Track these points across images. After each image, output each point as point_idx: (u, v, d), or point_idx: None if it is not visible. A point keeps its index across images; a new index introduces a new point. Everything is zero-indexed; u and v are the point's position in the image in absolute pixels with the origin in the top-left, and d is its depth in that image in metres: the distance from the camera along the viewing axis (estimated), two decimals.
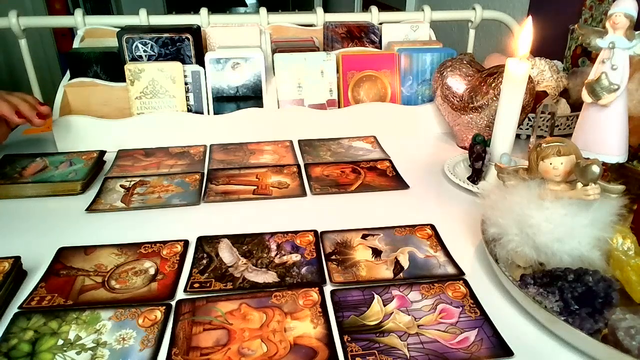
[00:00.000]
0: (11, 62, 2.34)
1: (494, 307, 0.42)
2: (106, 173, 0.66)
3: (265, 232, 0.53)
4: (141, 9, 0.92)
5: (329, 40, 0.87)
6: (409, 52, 0.80)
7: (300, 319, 0.40)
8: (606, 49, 0.52)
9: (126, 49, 0.75)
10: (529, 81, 0.67)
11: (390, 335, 0.39)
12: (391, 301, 0.42)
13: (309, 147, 0.75)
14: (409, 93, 0.82)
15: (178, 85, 0.75)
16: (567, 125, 0.76)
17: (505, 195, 0.44)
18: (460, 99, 0.71)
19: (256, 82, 0.77)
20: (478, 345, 0.38)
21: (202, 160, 0.70)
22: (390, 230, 0.53)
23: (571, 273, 0.39)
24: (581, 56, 0.96)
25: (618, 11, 0.50)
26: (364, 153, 0.74)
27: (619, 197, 0.41)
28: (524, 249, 0.42)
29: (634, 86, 0.60)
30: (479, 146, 0.61)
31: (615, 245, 0.41)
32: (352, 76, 0.80)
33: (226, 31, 0.82)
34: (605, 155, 0.54)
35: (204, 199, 0.60)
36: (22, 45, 0.95)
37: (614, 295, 0.38)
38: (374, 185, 0.64)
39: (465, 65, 0.73)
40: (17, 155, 0.68)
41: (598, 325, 0.37)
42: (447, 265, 0.48)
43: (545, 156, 0.42)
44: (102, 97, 0.76)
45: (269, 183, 0.64)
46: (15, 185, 0.60)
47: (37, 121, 0.65)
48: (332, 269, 0.47)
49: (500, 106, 0.60)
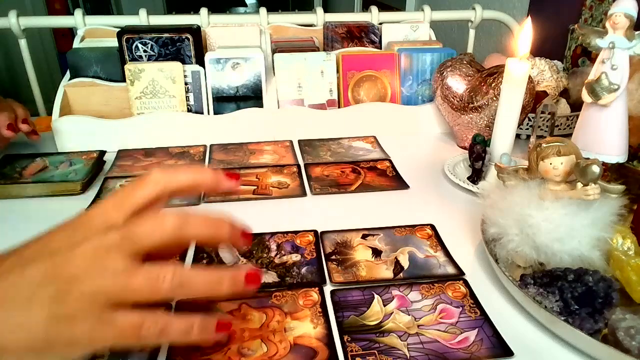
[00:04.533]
0: (11, 62, 2.34)
1: (494, 307, 0.42)
2: (106, 173, 0.66)
3: (265, 232, 0.53)
4: (141, 9, 0.92)
5: (329, 40, 0.87)
6: (409, 52, 0.80)
7: (300, 319, 0.40)
8: (606, 49, 0.52)
9: (126, 49, 0.75)
10: (529, 81, 0.67)
11: (390, 335, 0.39)
12: (391, 301, 0.42)
13: (309, 147, 0.75)
14: (409, 93, 0.82)
15: (178, 85, 0.75)
16: (567, 125, 0.76)
17: (505, 195, 0.44)
18: (460, 99, 0.71)
19: (256, 82, 0.77)
20: (478, 345, 0.38)
21: (202, 160, 0.70)
22: (390, 230, 0.53)
23: (571, 273, 0.39)
24: (581, 56, 0.96)
25: (618, 11, 0.50)
26: (364, 153, 0.74)
27: (619, 197, 0.41)
28: (524, 249, 0.42)
29: (634, 86, 0.60)
30: (479, 146, 0.61)
31: (615, 245, 0.41)
32: (352, 76, 0.80)
33: (226, 31, 0.82)
34: (605, 155, 0.54)
35: (203, 199, 0.60)
36: (22, 45, 0.95)
37: (614, 295, 0.38)
38: (374, 185, 0.64)
39: (465, 65, 0.73)
40: (17, 155, 0.68)
41: (598, 325, 0.37)
42: (447, 265, 0.48)
43: (545, 156, 0.42)
44: (102, 97, 0.76)
45: (269, 183, 0.64)
46: (15, 185, 0.60)
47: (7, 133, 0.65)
48: (332, 269, 0.47)
49: (500, 106, 0.60)
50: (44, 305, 0.27)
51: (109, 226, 0.31)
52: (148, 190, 0.33)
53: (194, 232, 0.32)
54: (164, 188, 0.33)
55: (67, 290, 0.28)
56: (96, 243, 0.30)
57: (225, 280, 0.31)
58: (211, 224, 0.33)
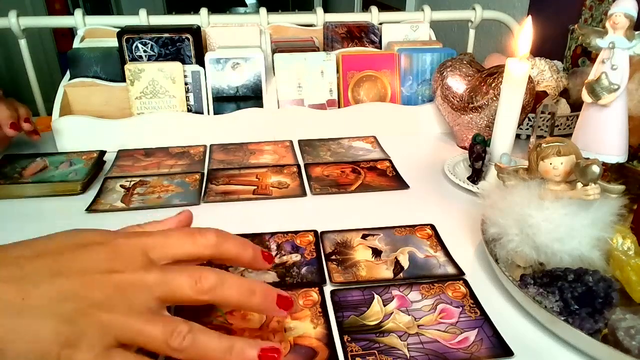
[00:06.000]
0: (11, 62, 2.34)
1: (494, 307, 0.42)
2: (106, 173, 0.66)
3: (265, 232, 0.53)
4: (141, 9, 0.92)
5: (329, 40, 0.87)
6: (409, 52, 0.80)
7: (300, 319, 0.40)
8: (606, 49, 0.52)
9: (126, 49, 0.75)
10: (529, 81, 0.67)
11: (390, 335, 0.39)
12: (391, 301, 0.42)
13: (309, 147, 0.75)
14: (409, 93, 0.82)
15: (178, 85, 0.75)
16: (567, 125, 0.76)
17: (505, 195, 0.44)
18: (460, 99, 0.71)
19: (256, 82, 0.77)
20: (478, 345, 0.38)
21: (202, 160, 0.70)
22: (390, 230, 0.53)
23: (571, 273, 0.39)
24: (581, 56, 0.96)
25: (618, 11, 0.50)
26: (364, 153, 0.74)
27: (619, 197, 0.41)
28: (524, 249, 0.42)
29: (634, 86, 0.60)
30: (479, 146, 0.61)
31: (615, 245, 0.41)
32: (352, 76, 0.80)
33: (226, 31, 0.82)
34: (605, 155, 0.54)
35: (204, 199, 0.60)
36: (22, 45, 0.95)
37: (614, 295, 0.38)
38: (374, 185, 0.64)
39: (465, 65, 0.73)
40: (17, 155, 0.68)
41: (598, 325, 0.37)
42: (447, 265, 0.48)
43: (545, 156, 0.42)
44: (102, 97, 0.76)
45: (269, 183, 0.64)
46: (15, 185, 0.60)
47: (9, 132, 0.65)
48: (332, 269, 0.47)
49: (500, 106, 0.60)
50: (57, 321, 0.27)
51: (148, 264, 0.31)
52: (198, 250, 0.33)
53: (227, 294, 0.31)
54: (211, 254, 0.34)
55: (86, 313, 0.27)
56: (134, 278, 0.29)
57: (236, 350, 0.30)
58: (245, 290, 0.32)
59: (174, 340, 0.28)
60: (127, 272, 0.30)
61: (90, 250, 0.31)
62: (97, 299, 0.28)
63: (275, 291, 0.33)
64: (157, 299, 0.30)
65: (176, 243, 0.33)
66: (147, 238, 0.32)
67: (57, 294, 0.27)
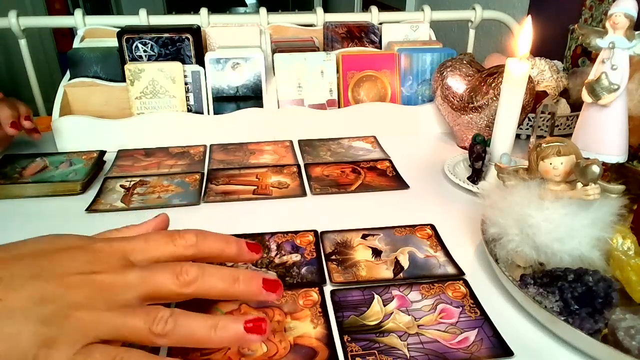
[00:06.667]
0: (11, 62, 2.34)
1: (494, 307, 0.42)
2: (106, 173, 0.66)
3: (265, 232, 0.53)
4: (141, 9, 0.92)
5: (329, 40, 0.87)
6: (409, 52, 0.80)
7: (300, 319, 0.40)
8: (606, 49, 0.52)
9: (126, 49, 0.75)
10: (529, 81, 0.67)
11: (390, 335, 0.39)
12: (391, 301, 0.42)
13: (309, 147, 0.75)
14: (409, 93, 0.82)
15: (178, 85, 0.75)
16: (567, 125, 0.76)
17: (505, 195, 0.44)
18: (460, 99, 0.71)
19: (256, 82, 0.77)
20: (478, 345, 0.38)
21: (202, 160, 0.70)
22: (390, 230, 0.53)
23: (571, 273, 0.39)
24: (581, 56, 0.96)
25: (618, 11, 0.50)
26: (364, 153, 0.74)
27: (619, 197, 0.41)
28: (524, 249, 0.42)
29: (634, 86, 0.60)
30: (479, 146, 0.61)
31: (615, 245, 0.41)
32: (352, 76, 0.80)
33: (226, 31, 0.82)
34: (605, 155, 0.54)
35: (204, 199, 0.60)
36: (22, 45, 0.95)
37: (614, 295, 0.38)
38: (374, 185, 0.64)
39: (465, 65, 0.73)
40: (17, 155, 0.68)
41: (598, 325, 0.37)
42: (447, 265, 0.48)
43: (545, 156, 0.42)
44: (102, 97, 0.76)
45: (269, 183, 0.64)
46: (15, 185, 0.60)
47: (10, 131, 0.65)
48: (332, 269, 0.47)
49: (500, 106, 0.60)
50: (36, 322, 0.27)
51: (129, 265, 0.31)
52: (178, 251, 0.33)
53: (211, 284, 0.32)
54: (193, 254, 0.34)
55: (65, 314, 0.27)
56: (115, 278, 0.29)
57: (220, 326, 0.30)
58: (228, 278, 0.32)
59: (156, 326, 0.28)
60: (108, 273, 0.30)
61: (70, 253, 0.31)
62: (77, 300, 0.28)
63: (259, 275, 0.33)
64: (139, 298, 0.30)
65: (156, 245, 0.33)
66: (127, 242, 0.33)
67: (36, 296, 0.27)
